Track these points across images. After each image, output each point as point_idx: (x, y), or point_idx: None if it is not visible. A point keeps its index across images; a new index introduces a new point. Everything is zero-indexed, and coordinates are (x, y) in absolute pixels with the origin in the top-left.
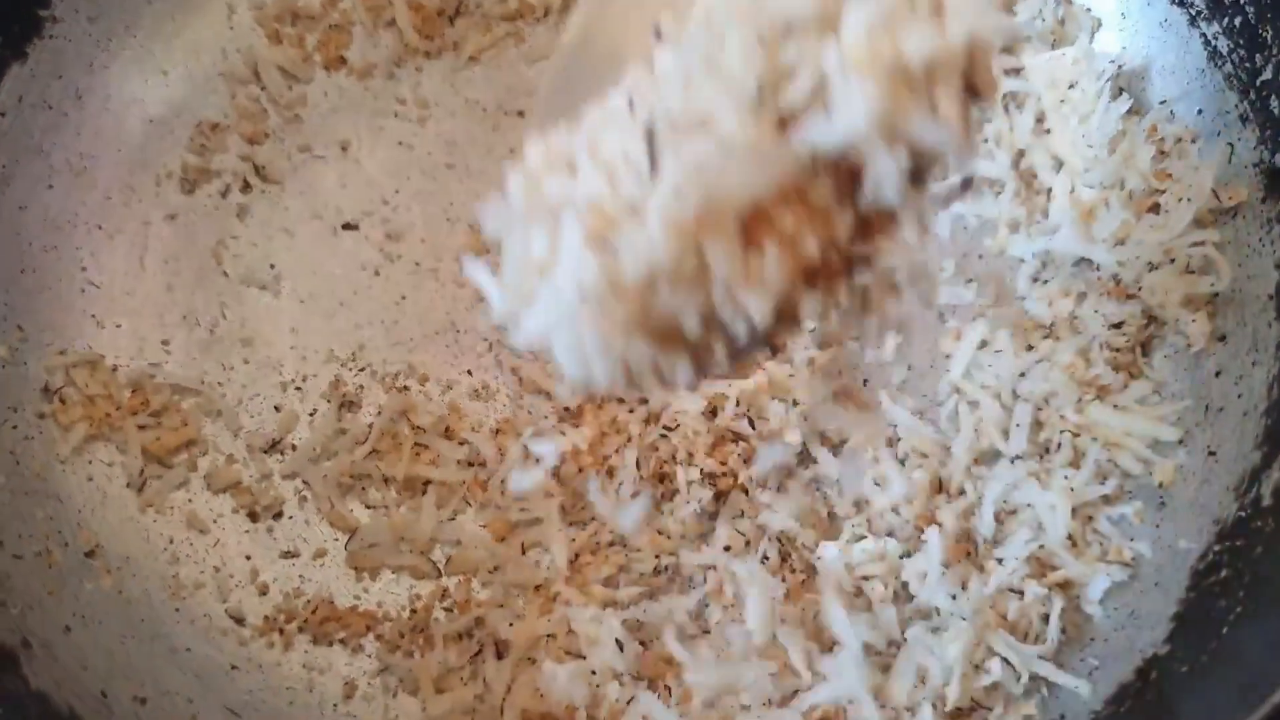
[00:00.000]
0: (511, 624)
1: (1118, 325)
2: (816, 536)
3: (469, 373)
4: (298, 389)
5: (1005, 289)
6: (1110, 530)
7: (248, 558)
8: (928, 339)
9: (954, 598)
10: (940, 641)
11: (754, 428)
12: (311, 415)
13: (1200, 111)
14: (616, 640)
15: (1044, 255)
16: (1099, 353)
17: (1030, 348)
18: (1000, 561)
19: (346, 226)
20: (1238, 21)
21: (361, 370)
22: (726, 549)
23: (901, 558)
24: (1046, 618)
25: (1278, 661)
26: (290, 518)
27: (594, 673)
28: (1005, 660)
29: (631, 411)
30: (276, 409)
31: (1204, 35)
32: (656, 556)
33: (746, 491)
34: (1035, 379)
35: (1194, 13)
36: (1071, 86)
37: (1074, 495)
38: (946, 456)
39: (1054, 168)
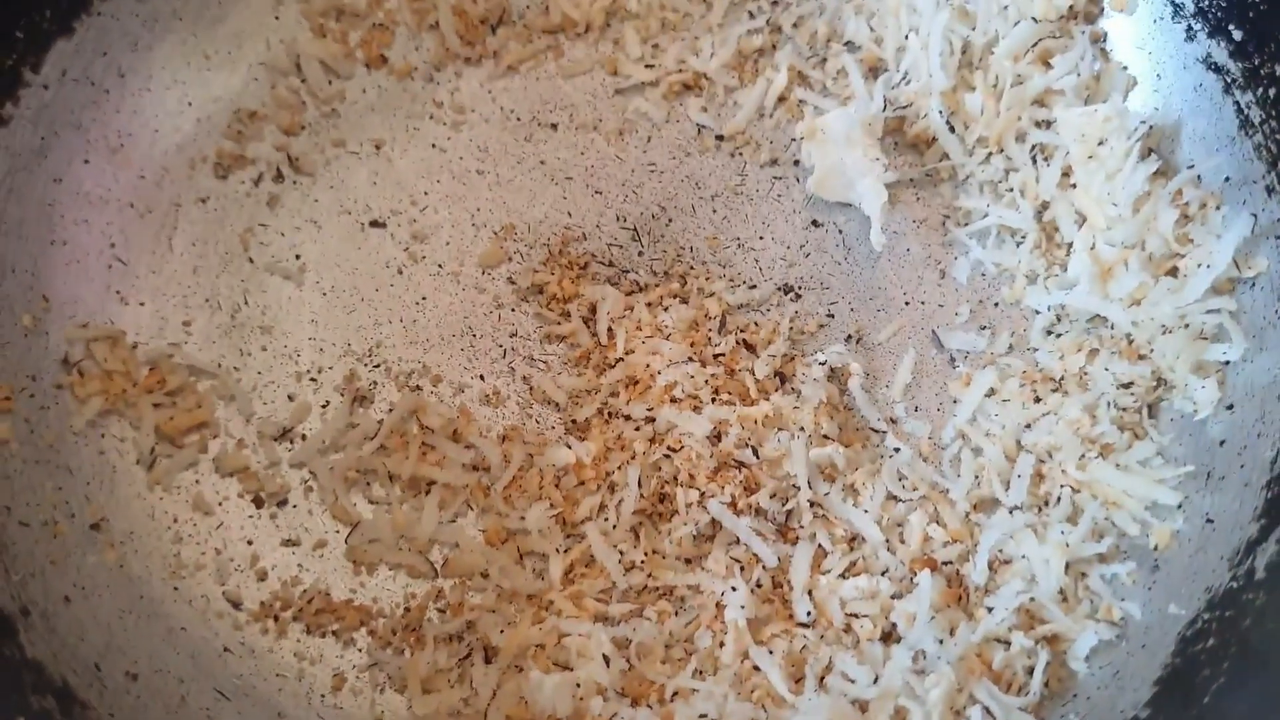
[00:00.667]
0: (503, 630)
1: (1127, 385)
2: (811, 569)
3: (481, 377)
4: (312, 380)
5: (1019, 339)
6: (1102, 588)
7: (249, 543)
8: (937, 382)
9: (940, 642)
10: (923, 684)
11: (757, 457)
12: (324, 407)
13: (1227, 179)
14: (604, 655)
15: (1059, 309)
16: (1106, 410)
17: (1038, 399)
18: (990, 610)
19: (374, 224)
20: (1272, 92)
21: (377, 367)
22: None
23: (892, 598)
24: (1031, 670)
25: None
26: (294, 506)
27: (579, 685)
28: (986, 710)
29: (638, 429)
30: (290, 398)
31: (1237, 103)
32: (650, 575)
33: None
34: (1040, 431)
35: (1229, 80)
36: (1101, 143)
37: (1069, 551)
38: (945, 501)
39: (1077, 222)
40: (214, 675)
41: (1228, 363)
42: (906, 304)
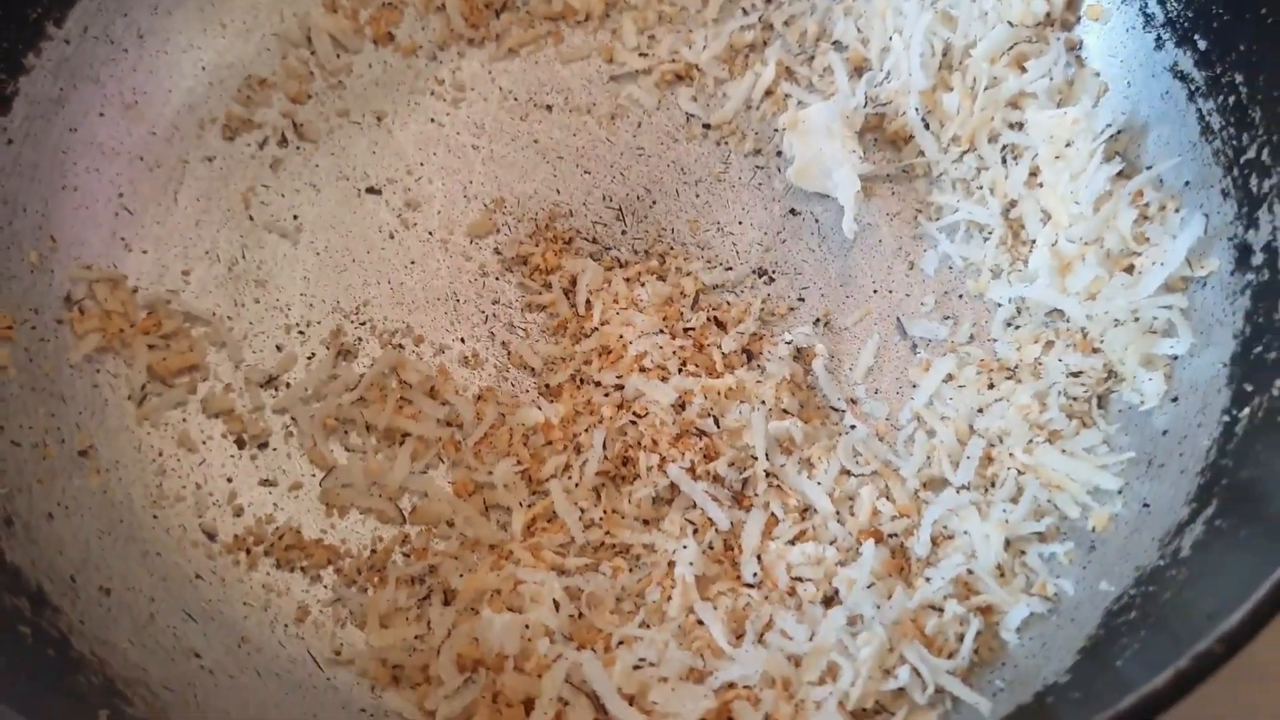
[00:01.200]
0: (462, 575)
1: (1077, 374)
2: (763, 535)
3: (462, 340)
4: (300, 333)
5: (980, 330)
6: (1039, 565)
7: (229, 480)
8: (898, 367)
9: (878, 607)
10: (855, 643)
11: (718, 426)
12: (310, 359)
13: (1187, 183)
14: (554, 601)
15: (1019, 302)
16: (1056, 398)
17: (992, 386)
18: (928, 580)
19: (370, 190)
20: (1231, 100)
21: (363, 324)
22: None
23: (837, 565)
24: (962, 637)
25: (1153, 685)
26: (274, 449)
27: (528, 627)
28: (916, 670)
29: (606, 395)
30: (278, 348)
31: (1200, 110)
32: (607, 533)
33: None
34: (992, 416)
35: (1193, 88)
36: (1068, 144)
37: (1008, 528)
38: (896, 478)
39: (1042, 220)
40: (183, 598)
41: (1175, 357)
42: (875, 292)
